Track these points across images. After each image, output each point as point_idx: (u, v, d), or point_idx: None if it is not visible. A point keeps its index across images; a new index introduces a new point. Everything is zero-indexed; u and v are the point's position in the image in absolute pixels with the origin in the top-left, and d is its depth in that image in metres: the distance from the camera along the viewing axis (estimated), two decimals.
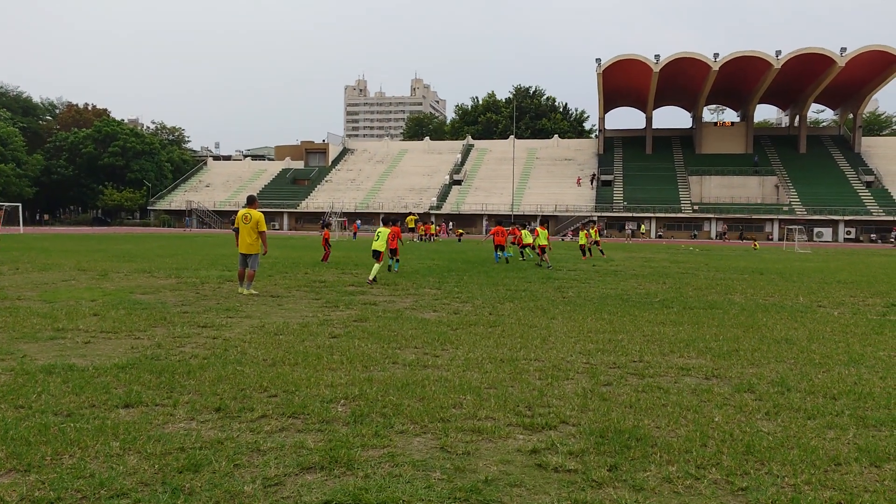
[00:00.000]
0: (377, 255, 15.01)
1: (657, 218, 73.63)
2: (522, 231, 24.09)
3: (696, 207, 74.12)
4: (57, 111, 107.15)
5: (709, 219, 72.93)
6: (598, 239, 30.11)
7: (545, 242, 21.31)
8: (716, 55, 74.41)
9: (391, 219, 16.84)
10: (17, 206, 56.25)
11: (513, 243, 24.23)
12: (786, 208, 71.87)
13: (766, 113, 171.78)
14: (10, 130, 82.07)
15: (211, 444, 4.14)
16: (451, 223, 74.23)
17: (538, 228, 21.75)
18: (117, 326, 8.34)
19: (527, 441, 4.36)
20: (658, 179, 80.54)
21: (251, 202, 12.77)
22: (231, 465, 3.80)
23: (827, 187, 74.40)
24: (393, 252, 17.60)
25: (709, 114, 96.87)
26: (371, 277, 14.55)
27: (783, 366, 6.76)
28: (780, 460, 4.06)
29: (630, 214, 73.83)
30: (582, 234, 26.46)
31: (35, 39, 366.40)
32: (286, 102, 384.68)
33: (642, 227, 71.86)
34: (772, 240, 68.29)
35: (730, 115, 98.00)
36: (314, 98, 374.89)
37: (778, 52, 72.52)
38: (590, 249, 26.39)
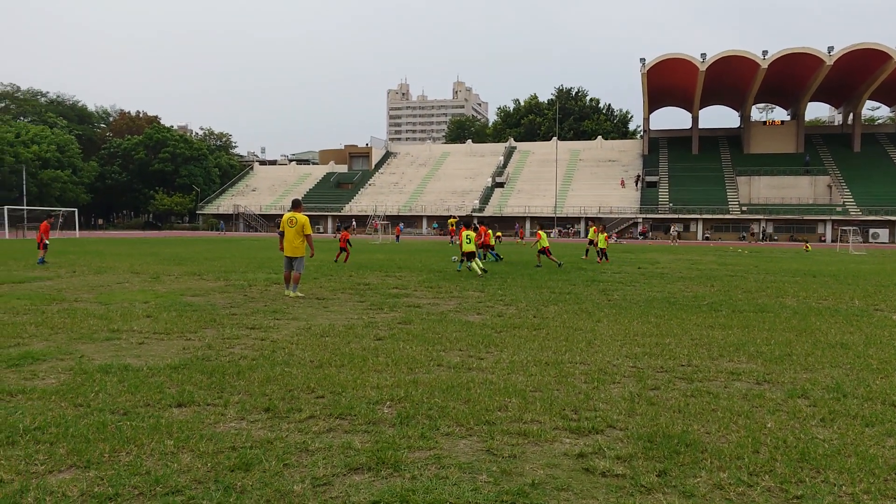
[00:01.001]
0: (471, 255, 17.63)
1: (704, 219, 72.21)
2: (489, 232, 23.99)
3: (744, 208, 72.47)
4: (110, 119, 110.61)
5: (758, 220, 71.20)
6: (595, 238, 27.92)
7: (547, 244, 21.87)
8: (764, 53, 72.68)
9: (469, 222, 19.37)
10: (74, 212, 58.25)
11: (479, 246, 23.57)
12: (839, 209, 69.68)
13: (817, 111, 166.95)
14: (67, 138, 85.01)
15: (261, 443, 4.22)
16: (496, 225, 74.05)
17: (539, 231, 22.26)
18: (169, 328, 8.56)
19: (573, 445, 4.33)
20: (705, 180, 78.98)
21: (296, 206, 12.95)
22: (281, 465, 3.87)
23: (883, 186, 71.88)
24: (471, 255, 18.76)
25: (757, 113, 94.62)
26: (479, 272, 17.18)
27: (838, 371, 6.56)
28: (836, 468, 3.94)
29: (676, 216, 72.54)
30: (601, 236, 25.00)
31: (86, 49, 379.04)
32: (330, 107, 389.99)
33: (672, 228, 70.06)
34: (824, 241, 66.30)
35: (779, 114, 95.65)
36: (357, 103, 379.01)
37: (830, 49, 70.46)
38: (603, 253, 24.77)
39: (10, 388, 5.41)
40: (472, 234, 18.60)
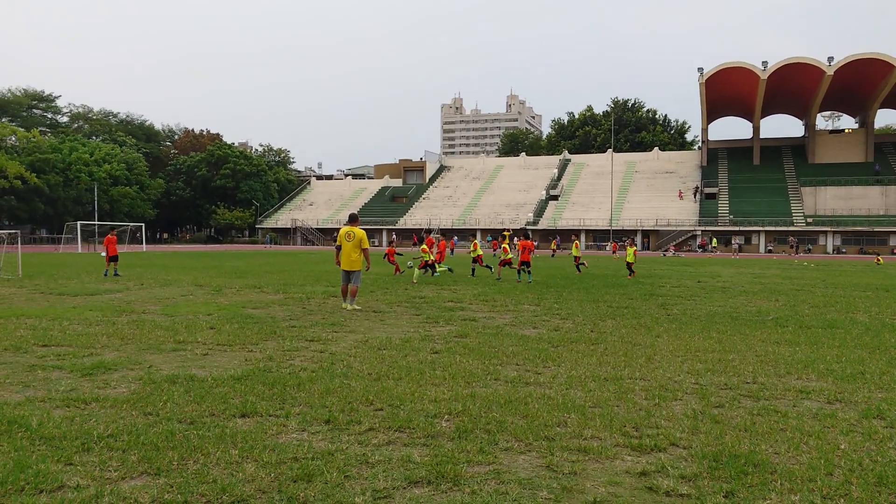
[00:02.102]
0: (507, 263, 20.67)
1: (766, 231, 70.04)
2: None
3: (809, 220, 70.00)
4: (175, 137, 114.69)
5: (824, 232, 68.65)
6: (578, 254, 28.64)
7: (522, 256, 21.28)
8: (830, 59, 70.37)
9: (524, 233, 21.70)
10: (141, 226, 60.53)
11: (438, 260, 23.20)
12: None
13: (888, 118, 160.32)
14: (136, 156, 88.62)
15: (322, 455, 4.28)
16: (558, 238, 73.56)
17: (520, 242, 21.63)
18: (232, 339, 8.79)
19: (635, 463, 4.25)
20: (767, 191, 76.70)
21: (353, 220, 13.12)
22: (342, 477, 3.91)
23: None
24: (526, 264, 20.00)
25: (822, 121, 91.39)
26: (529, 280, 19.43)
27: None
28: None
29: (736, 228, 70.63)
30: (630, 249, 23.60)
31: (151, 70, 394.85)
32: (385, 123, 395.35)
33: (714, 240, 67.91)
34: None
35: (846, 122, 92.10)
36: (412, 118, 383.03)
37: None
38: (630, 267, 23.31)
39: (85, 397, 5.65)
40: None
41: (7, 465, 4.00)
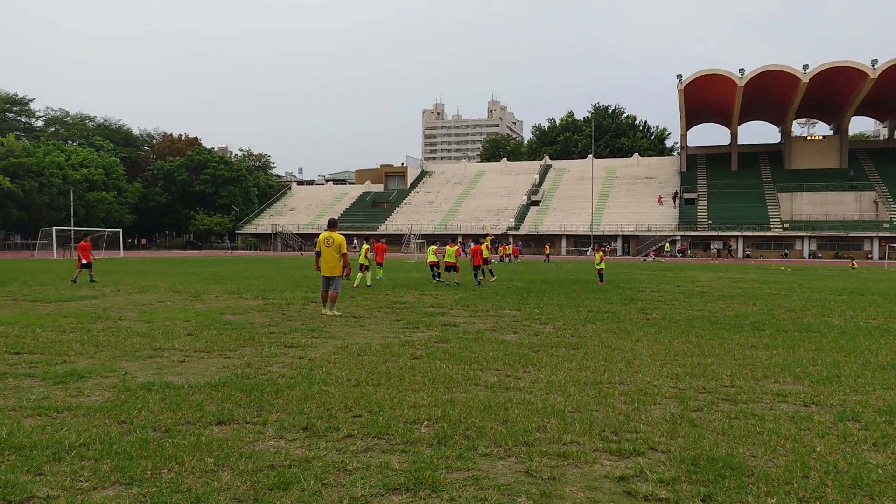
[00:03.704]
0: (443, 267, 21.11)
1: (744, 237, 70.85)
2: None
3: (786, 225, 70.92)
4: (154, 141, 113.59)
5: (801, 237, 69.58)
6: (487, 256, 24.39)
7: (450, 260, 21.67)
8: (805, 67, 71.43)
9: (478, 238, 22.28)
10: (118, 232, 59.77)
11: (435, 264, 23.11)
12: (886, 225, 67.69)
13: (861, 125, 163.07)
14: (113, 161, 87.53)
15: (299, 462, 4.23)
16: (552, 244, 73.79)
17: (473, 247, 22.21)
18: (209, 346, 8.68)
19: (614, 467, 4.25)
20: (745, 197, 77.62)
21: (333, 225, 13.06)
22: (319, 484, 3.87)
23: None
24: (477, 267, 21.42)
25: (798, 128, 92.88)
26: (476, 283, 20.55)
27: (891, 393, 6.33)
28: (891, 495, 3.79)
29: (715, 233, 71.33)
30: (598, 255, 22.58)
31: (126, 72, 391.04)
32: (366, 128, 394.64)
33: (666, 245, 68.35)
34: (871, 259, 64.41)
35: (821, 129, 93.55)
36: (393, 123, 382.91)
37: (874, 62, 68.95)
38: (600, 274, 22.28)
39: (57, 405, 5.54)
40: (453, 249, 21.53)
41: None
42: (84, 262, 21.86)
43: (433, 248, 23.97)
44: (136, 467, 4.08)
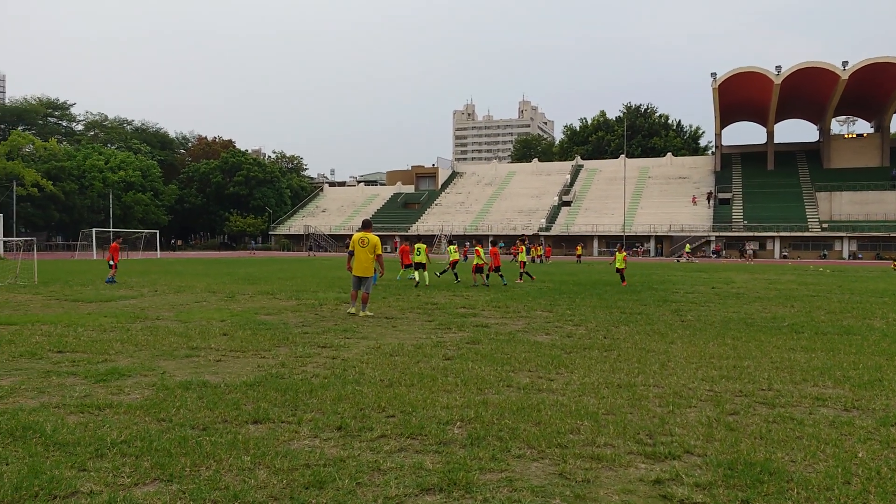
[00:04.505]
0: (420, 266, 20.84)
1: (781, 237, 69.50)
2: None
3: (825, 225, 69.38)
4: (189, 144, 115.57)
5: (840, 237, 68.00)
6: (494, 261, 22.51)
7: (479, 261, 21.69)
8: (844, 63, 69.88)
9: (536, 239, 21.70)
10: (155, 233, 60.97)
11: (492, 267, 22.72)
12: None
13: None
14: (150, 163, 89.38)
15: (334, 461, 4.27)
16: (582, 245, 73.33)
17: (492, 249, 22.25)
18: (244, 346, 8.81)
19: (649, 470, 4.21)
20: (781, 196, 76.17)
21: (367, 226, 13.09)
22: (353, 483, 3.90)
23: None
24: (497, 269, 21.37)
25: (837, 126, 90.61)
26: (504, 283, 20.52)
27: None
28: None
29: (751, 234, 70.12)
30: (619, 255, 22.31)
31: (164, 78, 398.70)
32: (397, 130, 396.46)
33: (687, 246, 66.47)
34: None
35: (862, 127, 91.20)
36: (424, 124, 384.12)
37: None
38: (621, 274, 21.95)
39: (99, 403, 5.68)
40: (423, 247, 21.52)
41: (21, 470, 4.02)
42: (111, 262, 22.78)
43: (453, 247, 24.13)
44: (175, 464, 4.16)
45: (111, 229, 61.07)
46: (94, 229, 55.45)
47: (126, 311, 13.04)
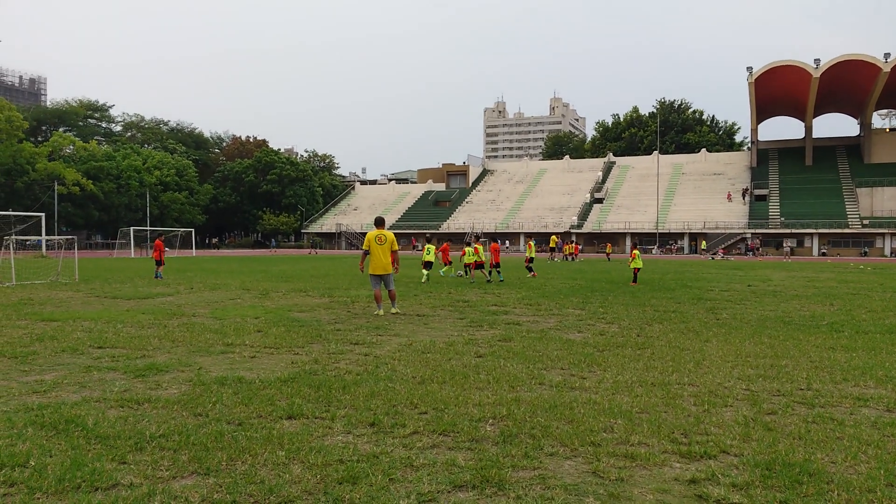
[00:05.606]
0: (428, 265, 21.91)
1: (820, 234, 67.95)
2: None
3: (866, 222, 67.65)
4: (224, 144, 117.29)
5: (882, 234, 66.24)
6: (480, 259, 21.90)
7: (470, 260, 21.95)
8: (886, 55, 68.02)
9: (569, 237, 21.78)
10: (191, 232, 62.02)
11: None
12: None
13: None
14: (186, 163, 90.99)
15: (367, 457, 4.30)
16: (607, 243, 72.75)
17: (492, 245, 22.60)
18: (278, 342, 8.92)
19: (684, 470, 4.15)
20: (820, 192, 74.41)
21: (381, 224, 12.70)
22: (386, 479, 3.93)
23: None
24: (497, 266, 21.88)
25: (879, 119, 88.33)
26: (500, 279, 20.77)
27: None
28: None
29: (788, 231, 68.68)
30: (633, 252, 21.63)
31: (200, 78, 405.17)
32: (428, 128, 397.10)
33: (703, 243, 65.56)
34: None
35: None
36: (455, 122, 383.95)
37: None
38: (635, 274, 21.02)
39: (138, 398, 5.80)
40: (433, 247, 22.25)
41: (64, 462, 4.13)
42: (156, 259, 23.65)
43: (472, 248, 23.48)
44: (212, 458, 4.23)
45: (149, 228, 62.30)
46: (131, 228, 56.62)
47: (163, 308, 13.29)
